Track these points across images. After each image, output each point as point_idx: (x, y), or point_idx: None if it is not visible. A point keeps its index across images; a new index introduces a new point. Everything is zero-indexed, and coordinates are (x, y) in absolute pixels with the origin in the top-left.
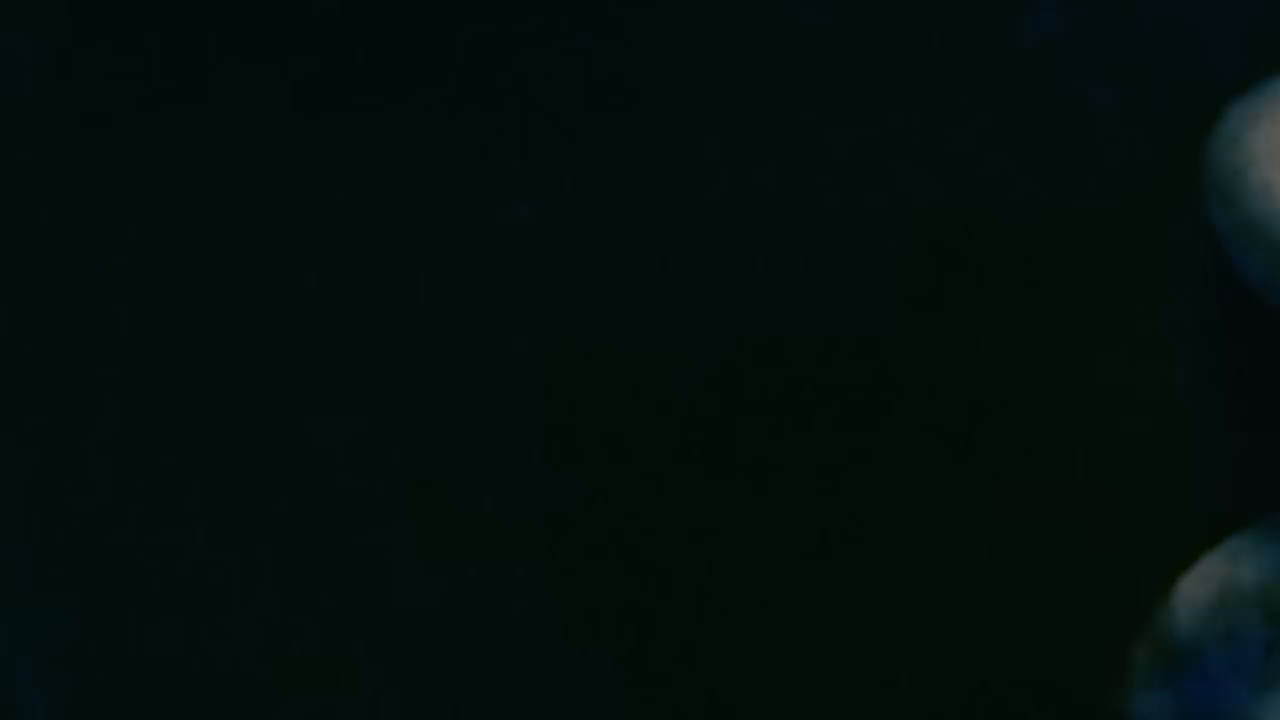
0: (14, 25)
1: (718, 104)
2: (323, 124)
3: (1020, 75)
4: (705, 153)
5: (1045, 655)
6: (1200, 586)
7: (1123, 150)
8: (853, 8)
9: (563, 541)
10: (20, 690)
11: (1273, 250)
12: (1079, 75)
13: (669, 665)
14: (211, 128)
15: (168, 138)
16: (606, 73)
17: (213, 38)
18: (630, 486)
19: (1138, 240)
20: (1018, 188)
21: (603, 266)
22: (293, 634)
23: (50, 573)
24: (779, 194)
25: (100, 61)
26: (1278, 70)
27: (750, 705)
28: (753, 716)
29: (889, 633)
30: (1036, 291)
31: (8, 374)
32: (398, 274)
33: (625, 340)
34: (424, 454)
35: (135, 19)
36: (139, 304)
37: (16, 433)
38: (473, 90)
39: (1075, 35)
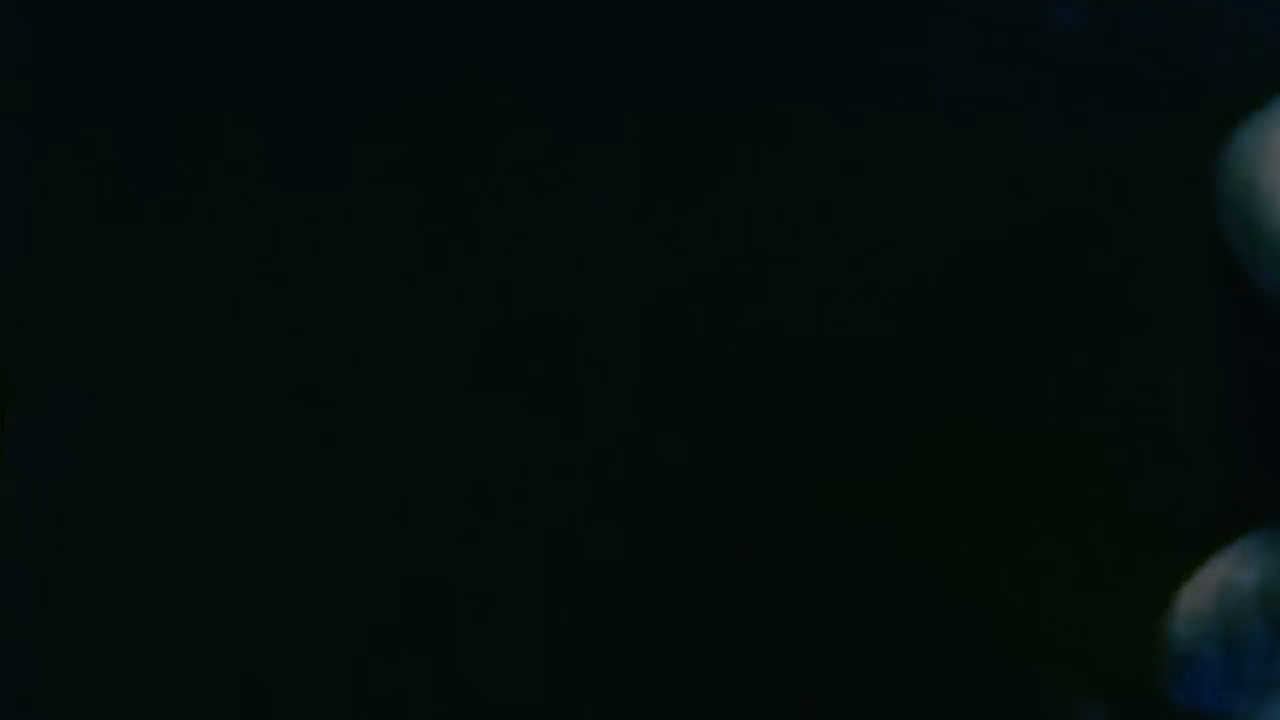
0: (11, 16)
1: (730, 104)
2: (325, 120)
3: (1032, 80)
4: (716, 155)
5: (1047, 660)
6: (1202, 592)
7: (1136, 158)
8: (866, 9)
9: (564, 539)
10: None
11: None
12: (1091, 82)
13: (674, 665)
14: (214, 125)
15: (174, 131)
16: (613, 73)
17: (215, 35)
18: (634, 489)
19: (1149, 248)
20: (1029, 193)
21: (608, 268)
22: (300, 637)
23: (55, 587)
24: (790, 196)
25: (97, 53)
26: None
27: (755, 707)
28: (760, 717)
29: (889, 635)
30: (1045, 297)
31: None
32: (400, 274)
33: (631, 341)
34: (432, 453)
35: (137, 12)
36: (142, 300)
37: (24, 437)
38: (475, 92)
39: (1088, 42)
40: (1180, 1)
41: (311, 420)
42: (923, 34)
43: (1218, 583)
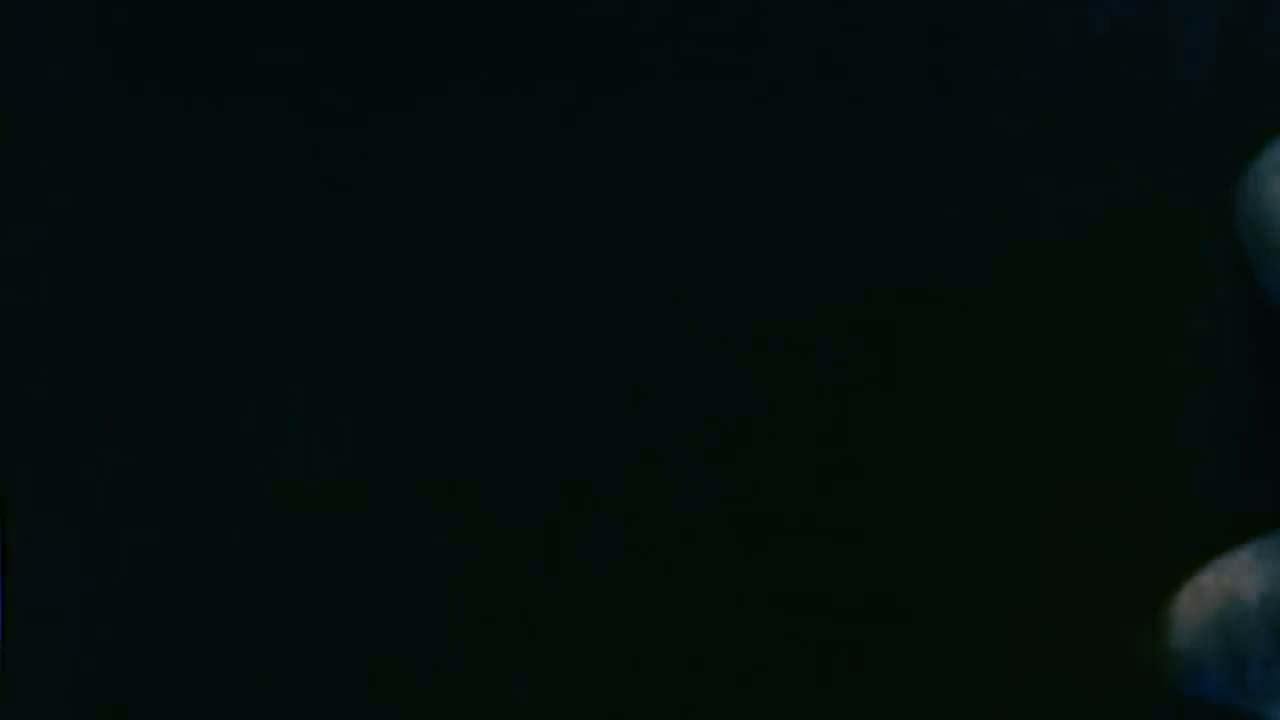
0: (44, 44)
1: (730, 104)
2: (325, 121)
3: (1049, 82)
4: (715, 155)
5: (1047, 660)
6: (1203, 598)
7: (1150, 163)
8: (872, 9)
9: (564, 539)
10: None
11: None
12: (1111, 86)
13: (675, 665)
14: (212, 125)
15: (172, 131)
16: (613, 73)
17: (215, 35)
18: (634, 489)
19: (1158, 251)
20: (1036, 194)
21: (609, 268)
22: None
23: (58, 589)
24: (790, 196)
25: (129, 82)
26: None
27: (756, 707)
28: (763, 717)
29: (889, 635)
30: (1050, 298)
31: (55, 391)
32: (399, 274)
33: (631, 341)
34: (431, 453)
35: (164, 38)
36: (142, 300)
37: (24, 439)
38: (475, 92)
39: (1113, 46)
40: (1207, 14)
41: (309, 420)
42: (939, 34)
43: (1219, 590)
